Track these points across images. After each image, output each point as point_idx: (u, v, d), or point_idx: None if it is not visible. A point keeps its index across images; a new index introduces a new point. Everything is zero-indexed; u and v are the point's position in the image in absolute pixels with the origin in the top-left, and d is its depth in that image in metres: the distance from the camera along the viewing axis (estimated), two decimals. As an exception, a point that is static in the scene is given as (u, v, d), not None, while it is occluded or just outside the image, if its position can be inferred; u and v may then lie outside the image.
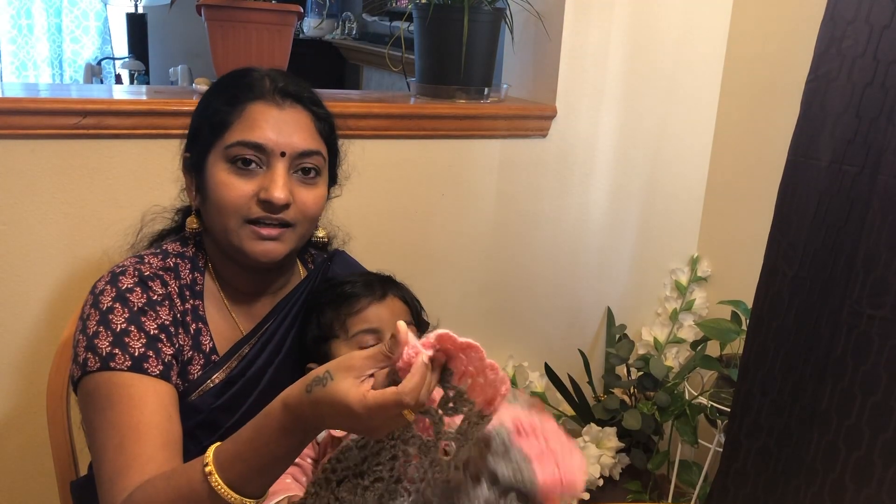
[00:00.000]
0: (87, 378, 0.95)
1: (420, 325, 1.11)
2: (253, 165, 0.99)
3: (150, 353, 0.96)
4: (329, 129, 1.07)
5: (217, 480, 0.79)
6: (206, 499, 0.80)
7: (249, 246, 1.00)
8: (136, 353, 0.95)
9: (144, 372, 0.95)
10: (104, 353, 0.94)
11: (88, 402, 0.95)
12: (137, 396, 0.93)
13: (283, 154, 0.99)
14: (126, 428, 0.90)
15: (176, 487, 0.82)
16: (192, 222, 1.07)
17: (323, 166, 1.04)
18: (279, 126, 0.99)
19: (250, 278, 1.08)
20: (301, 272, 1.18)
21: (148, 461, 0.88)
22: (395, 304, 1.08)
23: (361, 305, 1.05)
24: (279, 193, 0.97)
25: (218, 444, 0.82)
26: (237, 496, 0.79)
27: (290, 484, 0.98)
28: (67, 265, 1.45)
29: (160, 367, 0.96)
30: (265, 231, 0.99)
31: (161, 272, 1.03)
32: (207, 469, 0.79)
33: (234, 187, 0.98)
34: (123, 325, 0.96)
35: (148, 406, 0.92)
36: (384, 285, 1.08)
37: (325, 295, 1.09)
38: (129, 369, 0.94)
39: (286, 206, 0.99)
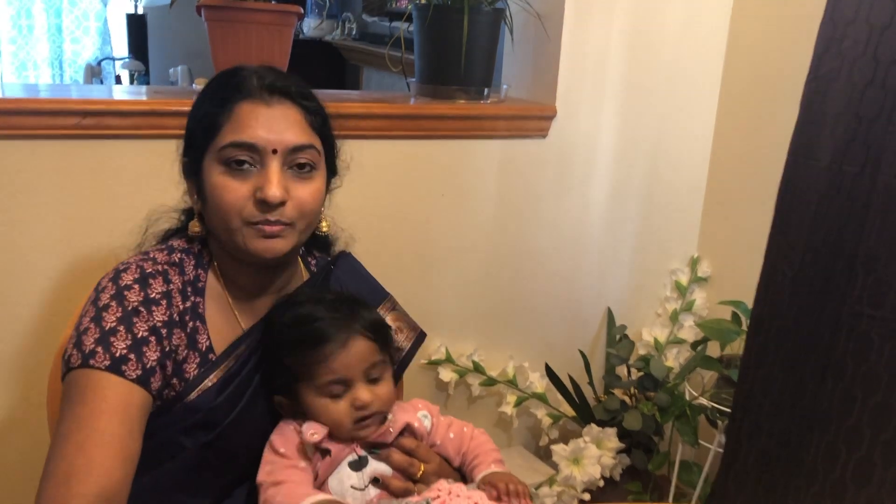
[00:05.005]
0: (70, 374, 0.95)
1: (389, 352, 1.08)
2: (246, 165, 0.99)
3: (132, 356, 0.95)
4: (321, 122, 1.06)
5: None
6: None
7: (253, 244, 1.00)
8: (118, 354, 0.94)
9: (121, 374, 0.94)
10: (87, 350, 0.94)
11: (65, 395, 0.95)
12: (109, 402, 0.92)
13: (274, 151, 0.99)
14: (91, 430, 0.90)
15: None
16: (194, 226, 1.07)
17: (318, 160, 1.04)
18: (269, 123, 0.99)
19: (254, 276, 1.09)
20: (303, 274, 1.17)
21: (105, 474, 0.88)
22: (359, 347, 1.02)
23: (325, 353, 1.01)
24: (274, 191, 0.97)
25: None
26: None
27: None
28: (67, 265, 1.45)
29: (138, 372, 0.95)
30: (268, 228, 1.00)
31: (166, 267, 1.03)
32: None
33: (231, 189, 0.99)
34: (113, 324, 0.96)
35: (117, 415, 0.92)
36: (348, 325, 1.03)
37: (287, 333, 1.04)
38: (107, 369, 0.93)
39: (282, 204, 0.99)
